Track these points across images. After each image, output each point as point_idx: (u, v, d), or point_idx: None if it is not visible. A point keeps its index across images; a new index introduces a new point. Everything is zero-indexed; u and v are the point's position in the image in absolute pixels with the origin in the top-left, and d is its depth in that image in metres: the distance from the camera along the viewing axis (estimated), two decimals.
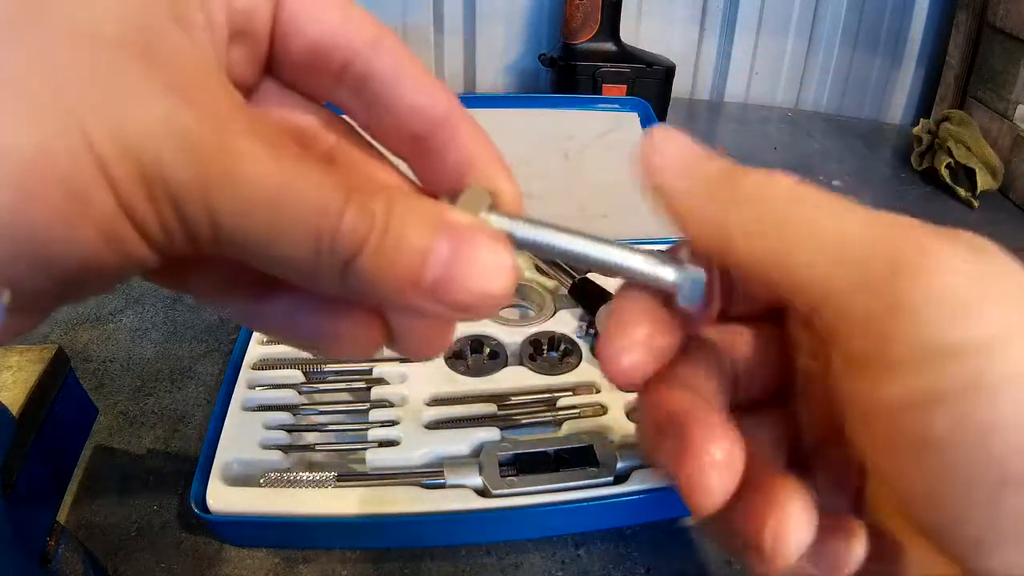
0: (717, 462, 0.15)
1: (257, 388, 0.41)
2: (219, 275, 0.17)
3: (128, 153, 0.12)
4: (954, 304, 0.13)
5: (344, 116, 0.19)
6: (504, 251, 0.15)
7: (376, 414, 0.39)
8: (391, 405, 0.40)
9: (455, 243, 0.15)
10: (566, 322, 0.47)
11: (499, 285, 0.15)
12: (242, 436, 0.38)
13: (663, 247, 0.20)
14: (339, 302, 0.17)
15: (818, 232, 0.15)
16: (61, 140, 0.12)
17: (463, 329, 0.46)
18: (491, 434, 0.38)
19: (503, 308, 0.50)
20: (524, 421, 0.40)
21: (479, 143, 0.18)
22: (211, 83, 0.14)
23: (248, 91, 0.18)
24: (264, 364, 0.43)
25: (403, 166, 0.19)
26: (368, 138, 0.19)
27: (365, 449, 0.37)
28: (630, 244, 0.17)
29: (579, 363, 0.44)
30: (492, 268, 0.15)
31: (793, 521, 0.15)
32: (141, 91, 0.13)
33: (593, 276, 0.50)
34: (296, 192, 0.14)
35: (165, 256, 0.14)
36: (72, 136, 0.12)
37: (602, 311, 0.46)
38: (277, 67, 0.18)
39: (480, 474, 0.35)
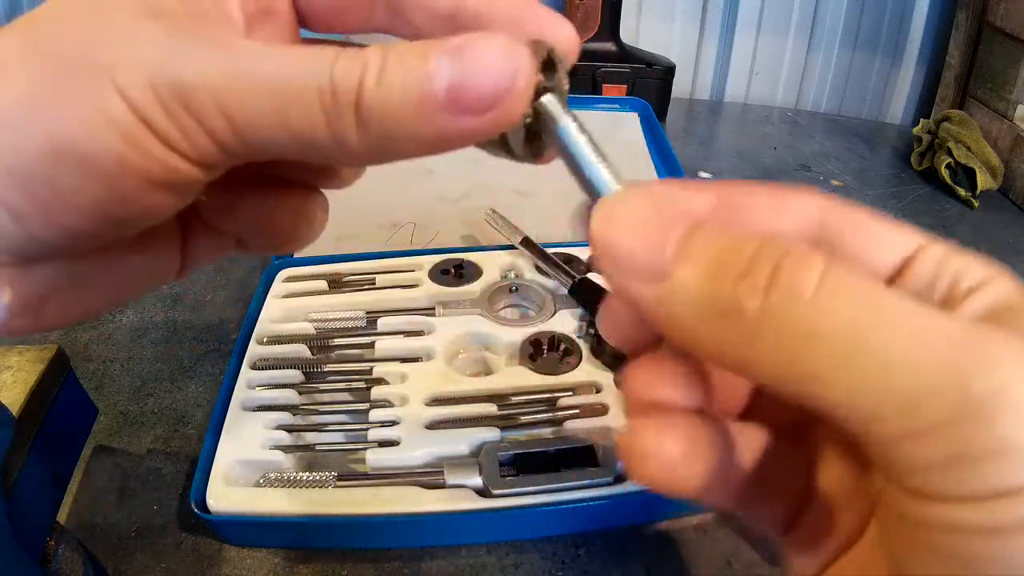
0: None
1: (257, 388, 0.41)
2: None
3: (140, 74, 0.14)
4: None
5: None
6: (508, 42, 0.14)
7: (376, 414, 0.39)
8: (391, 405, 0.40)
9: (455, 52, 0.14)
10: (566, 322, 0.47)
11: (513, 76, 0.14)
12: (242, 436, 0.38)
13: None
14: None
15: (860, 350, 0.12)
16: (84, 76, 0.14)
17: (464, 329, 0.46)
18: (491, 434, 0.38)
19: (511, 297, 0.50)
20: (524, 421, 0.40)
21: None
22: (213, 23, 0.16)
23: None
24: (264, 364, 0.43)
25: None
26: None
27: (365, 449, 0.37)
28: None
29: (579, 363, 0.44)
30: (501, 61, 0.14)
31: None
32: (148, 33, 0.15)
33: (593, 276, 0.50)
34: (292, 67, 0.14)
35: (205, 166, 0.15)
36: (93, 73, 0.14)
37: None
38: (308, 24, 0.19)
39: (480, 474, 0.35)
